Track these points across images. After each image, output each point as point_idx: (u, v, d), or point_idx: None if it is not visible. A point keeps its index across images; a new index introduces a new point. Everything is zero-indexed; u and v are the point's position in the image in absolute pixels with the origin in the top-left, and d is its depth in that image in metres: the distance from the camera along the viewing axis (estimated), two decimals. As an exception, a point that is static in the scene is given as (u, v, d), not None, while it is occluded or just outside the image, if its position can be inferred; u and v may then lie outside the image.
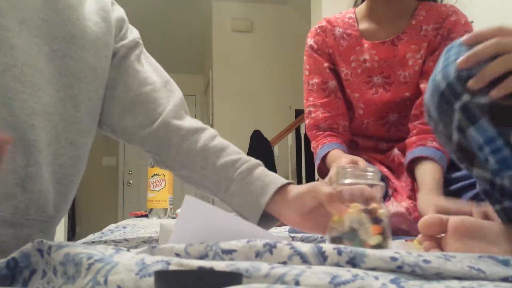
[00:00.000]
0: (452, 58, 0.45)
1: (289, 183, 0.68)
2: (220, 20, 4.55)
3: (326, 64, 1.13)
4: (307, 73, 1.17)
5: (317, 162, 1.10)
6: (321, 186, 0.62)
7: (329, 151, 1.06)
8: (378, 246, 0.56)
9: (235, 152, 0.73)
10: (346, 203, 0.58)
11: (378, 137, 1.13)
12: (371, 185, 0.58)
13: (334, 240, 0.58)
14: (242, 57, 4.50)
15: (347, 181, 0.60)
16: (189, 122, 0.77)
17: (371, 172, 0.60)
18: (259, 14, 4.58)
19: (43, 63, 0.65)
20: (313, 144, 1.14)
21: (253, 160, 0.72)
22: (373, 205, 0.57)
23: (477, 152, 0.44)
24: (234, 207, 0.71)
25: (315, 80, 1.14)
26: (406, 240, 0.71)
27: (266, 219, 0.69)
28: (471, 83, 0.43)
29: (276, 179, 0.68)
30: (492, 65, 0.42)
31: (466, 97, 0.43)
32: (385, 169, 1.05)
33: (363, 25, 1.13)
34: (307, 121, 1.17)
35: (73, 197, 0.72)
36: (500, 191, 0.44)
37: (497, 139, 0.42)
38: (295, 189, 0.66)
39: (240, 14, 4.57)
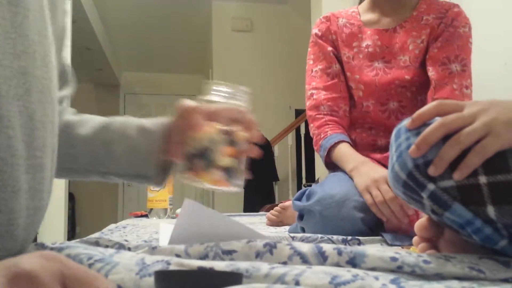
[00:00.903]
0: (403, 146, 0.44)
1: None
2: (220, 20, 4.55)
3: (329, 49, 1.17)
4: (311, 62, 1.20)
5: (322, 154, 1.10)
6: (183, 101, 0.60)
7: (335, 143, 1.06)
8: (229, 169, 0.55)
9: (98, 118, 0.65)
10: (207, 120, 0.56)
11: (378, 125, 1.13)
12: (239, 108, 0.58)
13: (187, 156, 0.56)
14: (242, 56, 4.50)
15: (215, 98, 0.59)
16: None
17: (242, 95, 0.59)
18: (259, 13, 4.58)
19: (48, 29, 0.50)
20: (312, 129, 1.14)
21: (121, 117, 0.65)
22: (234, 127, 0.56)
23: (459, 229, 0.43)
24: (122, 169, 0.63)
25: (319, 67, 1.17)
26: (402, 247, 0.71)
27: (161, 169, 0.64)
28: (431, 171, 0.42)
29: (155, 120, 0.63)
30: (446, 149, 0.41)
31: (431, 186, 0.42)
32: (385, 170, 1.05)
33: (366, 17, 1.18)
34: (308, 103, 1.17)
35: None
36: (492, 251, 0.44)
37: (475, 221, 0.41)
38: (173, 121, 0.63)
39: (240, 14, 4.57)
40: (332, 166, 1.09)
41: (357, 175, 0.93)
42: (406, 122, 0.46)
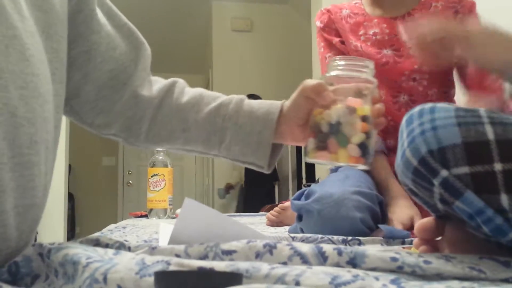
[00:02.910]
0: (417, 131, 0.43)
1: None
2: (220, 20, 4.55)
3: (336, 40, 1.14)
4: (322, 50, 1.18)
5: None
6: (309, 81, 0.60)
7: None
8: (363, 145, 0.54)
9: (212, 98, 0.66)
10: (335, 96, 0.56)
11: (388, 120, 1.11)
12: (365, 81, 0.57)
13: (318, 135, 0.55)
14: (242, 56, 4.50)
15: (337, 73, 0.58)
16: (157, 85, 0.67)
17: (366, 68, 0.58)
18: (259, 13, 4.58)
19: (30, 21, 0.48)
20: None
21: (234, 98, 0.66)
22: (362, 102, 0.55)
23: (468, 220, 0.42)
24: (234, 156, 0.66)
25: (333, 52, 1.15)
26: (403, 247, 0.71)
27: (272, 152, 0.65)
28: (403, 36, 0.46)
29: (268, 108, 0.64)
30: (432, 27, 0.44)
31: (444, 173, 0.41)
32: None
33: (371, 8, 1.16)
34: None
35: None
36: (497, 244, 0.43)
37: (487, 210, 0.40)
38: (287, 103, 0.64)
39: (240, 14, 4.57)
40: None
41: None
42: (418, 109, 0.45)
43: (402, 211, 0.93)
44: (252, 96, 3.84)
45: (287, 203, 1.26)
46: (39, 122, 0.48)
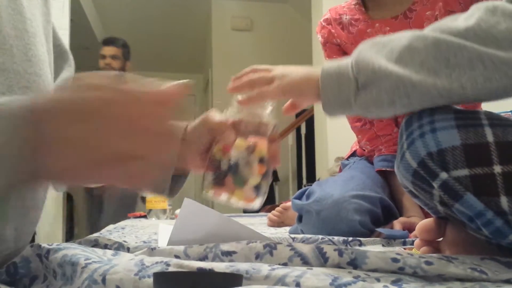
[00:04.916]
0: (416, 133, 0.43)
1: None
2: (220, 19, 4.54)
3: (338, 57, 1.11)
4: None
5: (375, 167, 1.07)
6: (213, 114, 0.59)
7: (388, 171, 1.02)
8: (257, 186, 0.55)
9: None
10: (235, 136, 0.56)
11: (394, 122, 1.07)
12: (264, 124, 0.58)
13: (216, 172, 0.55)
14: (242, 55, 4.49)
15: (239, 115, 0.58)
16: None
17: (268, 111, 0.59)
18: (259, 12, 4.57)
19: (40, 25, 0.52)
20: (362, 142, 1.10)
21: None
22: (261, 144, 0.56)
23: (468, 222, 0.42)
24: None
25: None
26: (404, 248, 0.71)
27: (174, 179, 0.62)
28: (229, 86, 0.57)
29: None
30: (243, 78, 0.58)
31: (443, 175, 0.41)
32: None
33: (370, 6, 1.09)
34: None
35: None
36: (498, 245, 0.43)
37: (486, 212, 0.40)
38: (190, 127, 0.61)
39: (240, 13, 4.56)
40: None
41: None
42: (417, 111, 0.45)
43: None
44: None
45: (288, 203, 1.25)
46: None
